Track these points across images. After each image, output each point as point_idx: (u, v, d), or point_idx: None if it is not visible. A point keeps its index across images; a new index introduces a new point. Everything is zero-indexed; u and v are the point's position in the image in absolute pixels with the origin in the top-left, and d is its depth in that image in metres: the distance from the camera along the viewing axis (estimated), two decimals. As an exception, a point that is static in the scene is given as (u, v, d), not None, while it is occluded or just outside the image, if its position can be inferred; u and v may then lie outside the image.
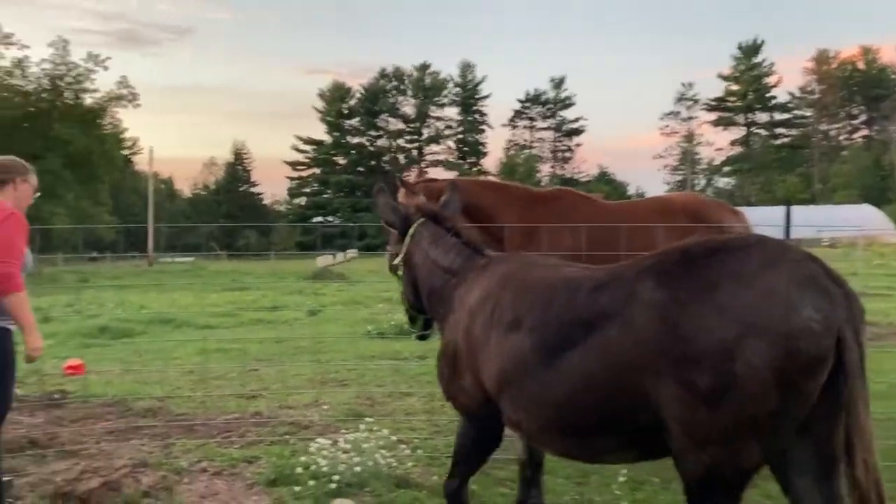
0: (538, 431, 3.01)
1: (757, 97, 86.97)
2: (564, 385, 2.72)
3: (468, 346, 3.27)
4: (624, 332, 2.55)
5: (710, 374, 2.30)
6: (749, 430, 2.32)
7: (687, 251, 2.57)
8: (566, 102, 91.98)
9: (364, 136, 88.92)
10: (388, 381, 8.76)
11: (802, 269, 2.34)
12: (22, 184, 4.30)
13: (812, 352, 2.25)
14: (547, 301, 2.91)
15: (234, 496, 4.84)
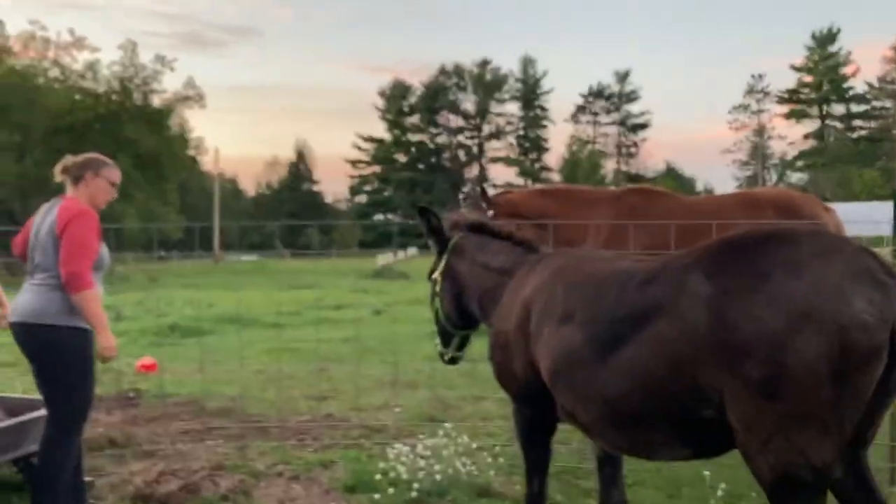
0: (591, 423, 3.01)
1: (832, 88, 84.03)
2: (615, 378, 2.73)
3: (522, 336, 3.30)
4: (674, 325, 2.54)
5: (762, 366, 2.28)
6: (809, 425, 2.28)
7: (737, 241, 2.57)
8: (631, 96, 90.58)
9: (424, 134, 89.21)
10: (459, 383, 8.59)
11: (857, 261, 2.31)
12: (94, 179, 4.21)
13: (865, 344, 2.21)
14: (598, 295, 2.93)
15: (311, 502, 4.75)
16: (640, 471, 5.26)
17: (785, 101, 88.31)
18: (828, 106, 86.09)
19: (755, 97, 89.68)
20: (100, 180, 4.24)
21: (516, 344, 3.38)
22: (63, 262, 3.86)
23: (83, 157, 4.32)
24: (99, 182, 4.25)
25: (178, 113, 42.45)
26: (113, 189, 4.33)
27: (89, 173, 4.22)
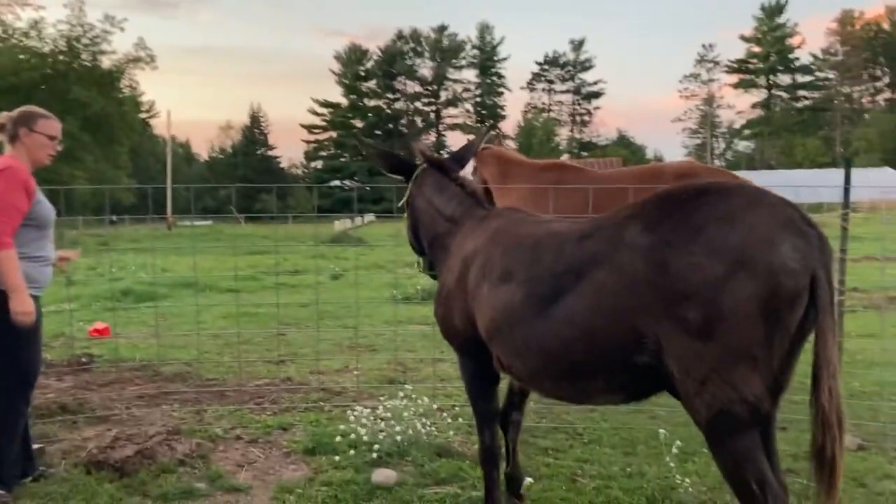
0: (530, 375, 3.15)
1: (779, 59, 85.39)
2: (557, 332, 2.86)
3: (460, 292, 3.46)
4: (614, 276, 2.67)
5: (701, 309, 2.45)
6: (743, 362, 2.45)
7: (674, 195, 2.69)
8: (585, 65, 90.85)
9: (381, 99, 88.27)
10: (419, 346, 8.62)
11: (782, 213, 2.50)
12: (29, 135, 4.04)
13: (791, 287, 2.42)
14: (537, 254, 3.05)
15: (271, 465, 4.72)
16: (597, 430, 5.37)
17: (734, 71, 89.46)
18: (774, 76, 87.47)
19: (705, 67, 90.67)
20: (36, 136, 4.06)
21: (456, 299, 3.51)
22: None
23: (16, 112, 4.11)
24: (35, 138, 4.06)
25: (129, 75, 41.23)
26: (52, 143, 4.12)
27: (23, 129, 4.04)
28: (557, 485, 4.33)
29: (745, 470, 2.52)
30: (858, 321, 9.26)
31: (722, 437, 2.55)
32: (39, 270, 4.10)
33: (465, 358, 3.68)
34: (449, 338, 3.74)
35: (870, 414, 5.64)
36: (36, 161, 4.09)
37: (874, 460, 4.71)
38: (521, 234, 3.30)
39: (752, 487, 2.51)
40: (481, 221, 3.68)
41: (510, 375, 3.41)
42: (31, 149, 4.07)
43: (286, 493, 4.21)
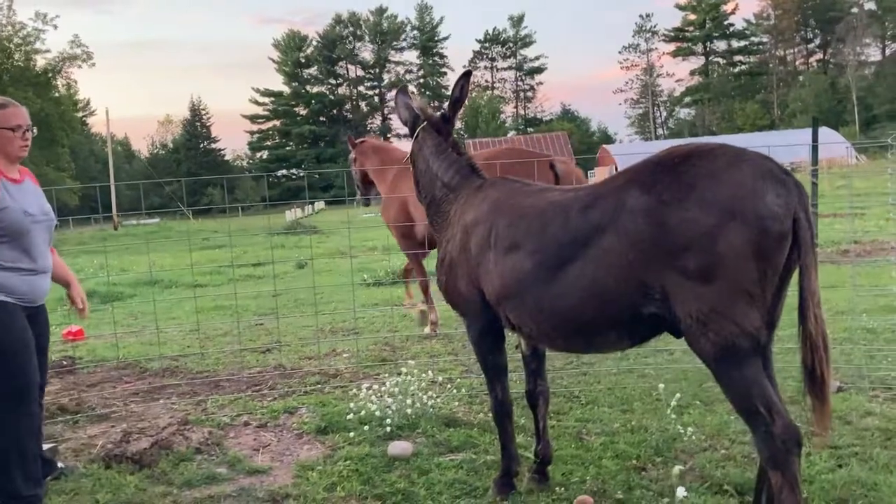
0: (541, 334, 3.39)
1: (714, 25, 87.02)
2: (570, 295, 3.10)
3: (465, 260, 3.64)
4: (619, 240, 2.91)
5: (700, 257, 2.72)
6: (741, 299, 2.72)
7: (661, 161, 2.94)
8: (526, 41, 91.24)
9: (324, 85, 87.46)
10: (400, 326, 8.76)
11: (761, 165, 2.77)
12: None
13: (777, 229, 2.70)
14: (542, 225, 3.26)
15: (286, 446, 4.83)
16: (593, 391, 5.60)
17: (671, 40, 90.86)
18: (711, 43, 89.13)
19: (644, 37, 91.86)
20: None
21: (461, 266, 3.70)
22: None
23: None
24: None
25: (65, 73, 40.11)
26: (16, 133, 3.76)
27: None
28: (566, 443, 4.53)
29: (752, 396, 2.77)
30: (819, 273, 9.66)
31: (729, 368, 2.80)
32: (19, 280, 3.75)
33: (471, 319, 3.84)
34: (454, 303, 3.90)
35: (844, 358, 5.97)
36: (8, 158, 3.77)
37: (855, 400, 5.02)
38: (523, 205, 3.48)
39: (761, 411, 2.75)
40: (478, 191, 3.84)
41: (519, 334, 3.61)
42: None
43: (308, 470, 4.33)
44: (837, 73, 79.12)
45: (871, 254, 11.59)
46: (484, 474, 4.14)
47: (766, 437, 2.75)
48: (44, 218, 3.87)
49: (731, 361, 2.78)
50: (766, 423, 2.74)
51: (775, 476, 2.77)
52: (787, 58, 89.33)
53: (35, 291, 3.84)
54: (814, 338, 2.81)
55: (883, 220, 14.63)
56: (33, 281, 3.81)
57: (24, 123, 3.78)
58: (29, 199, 3.83)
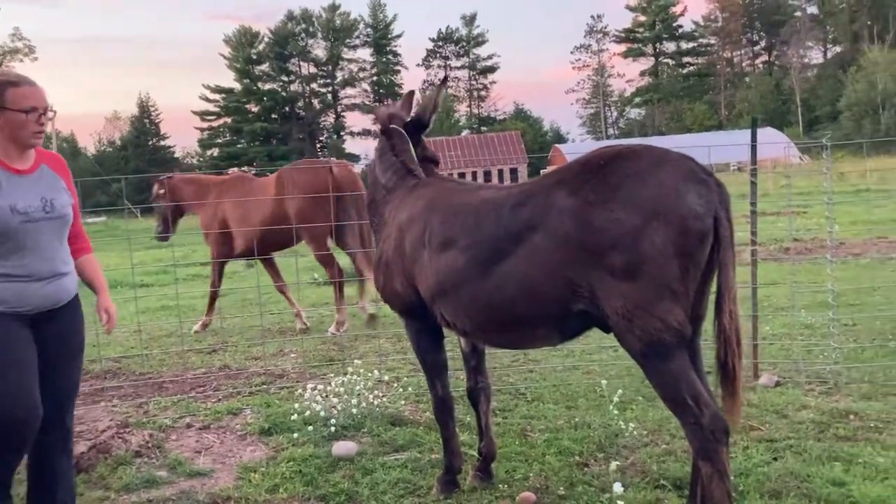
0: (475, 330, 3.44)
1: (664, 27, 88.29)
2: (502, 290, 3.15)
3: (400, 259, 3.68)
4: (548, 238, 2.98)
5: (625, 255, 2.78)
6: (665, 296, 2.79)
7: (588, 162, 3.03)
8: (479, 40, 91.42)
9: (276, 82, 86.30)
10: (350, 325, 8.69)
11: (683, 166, 2.86)
12: (1, 114, 3.13)
13: (699, 228, 2.79)
14: (475, 222, 3.31)
15: (228, 448, 4.76)
16: (538, 388, 5.64)
17: (622, 41, 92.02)
18: (660, 44, 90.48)
19: (595, 37, 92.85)
20: (7, 114, 3.13)
21: (396, 265, 3.73)
22: None
23: None
24: (7, 117, 3.14)
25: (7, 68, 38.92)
26: (30, 117, 3.15)
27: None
28: (510, 440, 4.56)
29: (680, 389, 2.84)
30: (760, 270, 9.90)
31: (656, 363, 2.87)
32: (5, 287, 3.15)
33: (408, 318, 3.87)
34: (391, 302, 3.92)
35: (783, 353, 6.12)
36: (18, 144, 3.19)
37: (791, 394, 5.15)
38: (456, 203, 3.53)
39: (689, 403, 2.82)
40: (412, 190, 3.87)
41: (454, 331, 3.63)
42: (7, 130, 3.15)
43: (250, 472, 4.28)
44: (782, 75, 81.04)
45: (812, 251, 11.91)
46: (429, 473, 4.14)
47: (694, 429, 2.82)
48: (45, 215, 3.21)
49: (657, 356, 2.85)
50: (695, 415, 2.80)
51: (705, 466, 2.83)
52: (734, 59, 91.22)
53: (26, 300, 3.19)
54: (727, 332, 2.92)
55: (822, 218, 15.03)
56: (24, 289, 3.17)
57: (40, 105, 3.18)
58: (28, 193, 3.19)
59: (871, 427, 4.48)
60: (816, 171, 10.63)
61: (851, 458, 4.00)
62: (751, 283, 5.82)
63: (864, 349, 6.15)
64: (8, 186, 3.15)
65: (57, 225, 3.27)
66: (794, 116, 73.99)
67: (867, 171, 25.94)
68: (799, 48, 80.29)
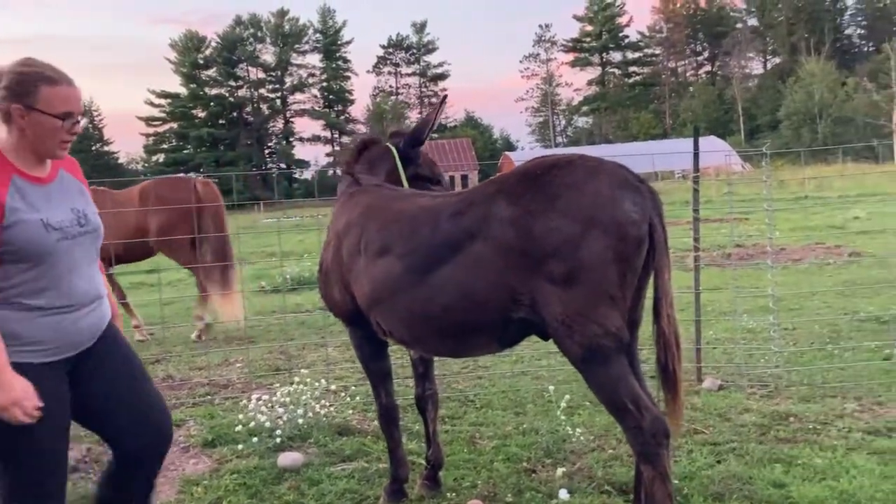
0: (414, 339, 3.42)
1: (610, 37, 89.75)
2: (440, 298, 3.14)
3: (338, 266, 3.65)
4: (488, 246, 3.00)
5: (564, 263, 2.83)
6: (603, 302, 2.84)
7: (526, 172, 3.08)
8: (429, 47, 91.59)
9: (223, 87, 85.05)
10: (297, 334, 8.60)
11: (618, 175, 2.93)
12: (25, 115, 2.52)
13: (635, 234, 2.86)
14: (413, 229, 3.29)
15: (170, 461, 4.62)
16: (487, 395, 5.64)
17: (570, 50, 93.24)
18: (607, 54, 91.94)
19: (543, 46, 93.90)
20: (37, 116, 2.53)
21: (334, 273, 3.70)
22: None
23: (6, 72, 2.56)
24: (36, 120, 2.54)
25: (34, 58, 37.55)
26: (65, 124, 2.59)
27: (16, 107, 2.52)
28: (458, 448, 4.55)
29: (620, 393, 2.87)
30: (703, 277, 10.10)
31: (595, 368, 2.90)
32: (43, 323, 2.55)
33: (351, 327, 3.84)
34: (332, 310, 3.89)
35: (726, 357, 6.24)
36: (39, 154, 2.61)
37: (734, 397, 5.25)
38: (394, 210, 3.51)
39: (629, 407, 2.85)
40: (351, 197, 3.85)
41: (391, 339, 3.60)
42: (32, 135, 2.56)
43: (192, 485, 4.18)
44: (724, 85, 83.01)
45: (753, 257, 12.20)
46: (376, 482, 4.11)
47: (635, 433, 2.85)
48: (81, 229, 2.69)
49: (596, 361, 2.88)
50: (636, 419, 2.83)
51: (647, 470, 2.87)
52: (678, 69, 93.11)
53: (69, 336, 2.63)
54: (667, 336, 2.99)
55: (763, 224, 15.42)
56: (63, 322, 2.60)
57: (76, 111, 2.65)
58: (59, 205, 2.66)
59: (809, 429, 4.59)
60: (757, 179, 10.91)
61: (791, 459, 4.09)
62: (694, 289, 5.92)
63: (804, 352, 6.31)
64: (35, 199, 2.57)
65: (92, 239, 2.77)
66: (737, 125, 75.83)
67: (806, 179, 26.71)
68: (740, 59, 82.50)
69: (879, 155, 45.71)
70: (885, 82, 58.83)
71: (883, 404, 4.98)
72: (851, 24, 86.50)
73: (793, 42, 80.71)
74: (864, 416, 4.78)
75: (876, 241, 12.58)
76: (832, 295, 8.75)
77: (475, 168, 57.37)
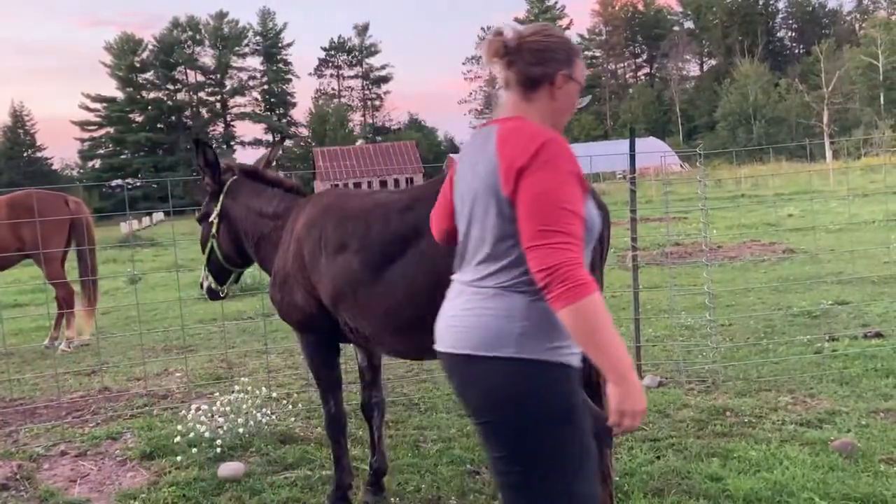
0: (374, 334, 3.44)
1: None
2: (393, 292, 3.22)
3: (298, 268, 3.64)
4: (432, 243, 2.94)
5: None
6: None
7: None
8: (371, 50, 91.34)
9: (161, 91, 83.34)
10: (239, 341, 8.47)
11: None
12: (566, 83, 2.21)
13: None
14: (367, 225, 3.37)
15: (106, 475, 4.52)
16: (432, 398, 5.64)
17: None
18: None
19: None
20: (572, 85, 2.24)
21: (295, 277, 3.67)
22: (527, 240, 1.95)
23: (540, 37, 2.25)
24: (571, 90, 2.25)
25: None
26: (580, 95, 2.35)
27: (562, 73, 2.20)
28: (403, 452, 4.54)
29: None
30: (643, 275, 10.29)
31: None
32: None
33: (306, 334, 3.82)
34: (290, 318, 3.84)
35: (665, 355, 6.36)
36: (557, 127, 2.25)
37: (673, 394, 5.35)
38: (350, 207, 3.56)
39: None
40: (306, 203, 3.84)
41: (355, 338, 3.59)
42: (559, 107, 2.26)
43: (130, 499, 4.08)
44: (663, 87, 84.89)
45: (691, 255, 12.47)
46: (319, 490, 4.07)
47: None
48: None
49: None
50: None
51: None
52: (618, 71, 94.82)
53: None
54: None
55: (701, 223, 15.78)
56: None
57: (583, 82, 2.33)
58: None
59: (745, 422, 4.70)
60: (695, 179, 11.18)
61: (728, 453, 4.19)
62: (633, 287, 6.01)
63: (740, 348, 6.47)
64: None
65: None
66: (675, 126, 77.54)
67: (741, 178, 27.44)
68: (677, 61, 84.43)
69: (812, 154, 47.31)
70: (816, 83, 60.85)
71: (815, 396, 5.14)
72: (783, 27, 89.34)
73: (728, 44, 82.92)
74: (797, 409, 4.92)
75: (808, 238, 12.98)
76: (767, 291, 9.00)
77: (420, 171, 57.37)
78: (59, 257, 8.97)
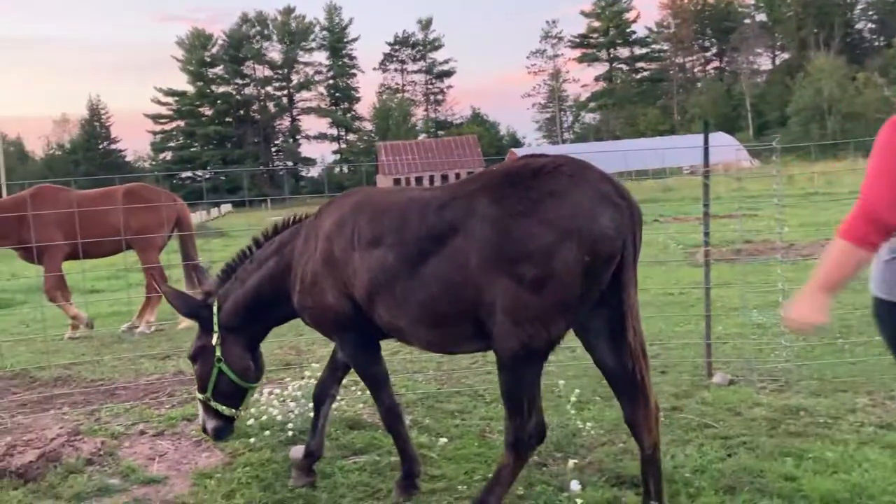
0: (408, 326, 3.49)
1: (618, 33, 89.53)
2: (426, 287, 3.29)
3: (329, 269, 3.65)
4: (467, 241, 3.15)
5: (536, 268, 2.98)
6: (559, 310, 3.04)
7: (511, 173, 3.21)
8: (435, 44, 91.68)
9: (230, 85, 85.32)
10: (306, 329, 8.58)
11: (601, 189, 3.06)
12: None
13: (608, 251, 3.02)
14: (403, 220, 3.42)
15: (183, 454, 4.68)
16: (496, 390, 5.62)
17: (577, 46, 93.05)
18: (615, 49, 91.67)
19: (550, 42, 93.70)
20: None
21: (325, 276, 3.67)
22: None
23: None
24: None
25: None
26: None
27: None
28: (469, 442, 4.56)
29: (525, 391, 3.20)
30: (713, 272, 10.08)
31: (523, 366, 3.15)
32: None
33: (343, 334, 3.83)
34: (323, 321, 3.85)
35: (736, 353, 6.23)
36: None
37: (744, 392, 5.24)
38: (383, 203, 3.63)
39: (525, 405, 3.21)
40: (326, 208, 3.86)
41: (391, 330, 3.61)
42: None
43: (206, 478, 4.21)
44: (732, 81, 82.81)
45: (763, 253, 12.16)
46: (387, 476, 4.13)
47: (518, 427, 3.21)
48: None
49: (528, 361, 3.13)
50: (524, 417, 3.19)
51: (510, 457, 3.27)
52: (687, 65, 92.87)
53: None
54: (633, 347, 3.18)
55: (773, 220, 15.37)
56: None
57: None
58: None
59: (820, 423, 4.59)
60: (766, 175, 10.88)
61: (802, 453, 4.09)
62: (704, 284, 5.91)
63: (814, 347, 6.30)
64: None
65: None
66: (745, 121, 75.59)
67: (815, 175, 26.61)
68: (748, 54, 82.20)
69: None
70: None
71: (895, 399, 4.98)
72: (862, 19, 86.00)
73: (802, 37, 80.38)
74: (876, 411, 4.77)
75: (886, 237, 12.50)
76: (842, 290, 8.71)
77: (481, 165, 57.34)
78: (161, 245, 9.53)
